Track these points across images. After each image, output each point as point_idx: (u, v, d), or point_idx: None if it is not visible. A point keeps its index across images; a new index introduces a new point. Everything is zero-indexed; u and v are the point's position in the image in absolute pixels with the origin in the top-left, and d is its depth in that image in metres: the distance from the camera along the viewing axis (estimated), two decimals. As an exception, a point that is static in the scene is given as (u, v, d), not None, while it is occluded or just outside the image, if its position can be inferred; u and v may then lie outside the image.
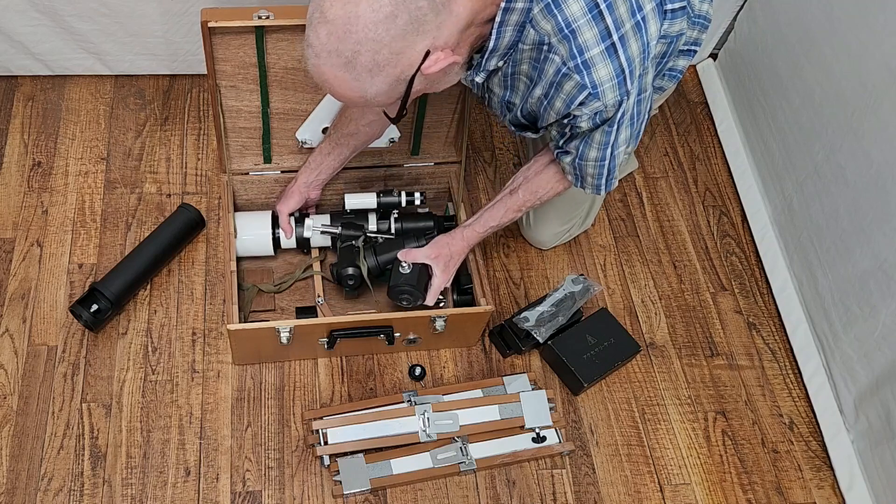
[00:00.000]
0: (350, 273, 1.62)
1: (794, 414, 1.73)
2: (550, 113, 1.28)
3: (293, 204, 1.68)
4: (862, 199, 1.60)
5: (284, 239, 1.69)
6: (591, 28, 1.16)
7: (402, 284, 1.56)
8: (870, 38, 1.57)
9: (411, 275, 1.56)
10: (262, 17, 1.45)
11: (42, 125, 1.93)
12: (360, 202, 1.70)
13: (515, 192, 1.52)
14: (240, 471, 1.54)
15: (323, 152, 1.65)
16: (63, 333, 1.65)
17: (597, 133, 1.30)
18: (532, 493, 1.58)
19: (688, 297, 1.87)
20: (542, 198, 1.52)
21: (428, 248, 1.58)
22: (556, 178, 1.48)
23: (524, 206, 1.53)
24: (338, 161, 1.66)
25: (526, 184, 1.51)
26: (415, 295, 1.57)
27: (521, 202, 1.53)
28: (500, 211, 1.54)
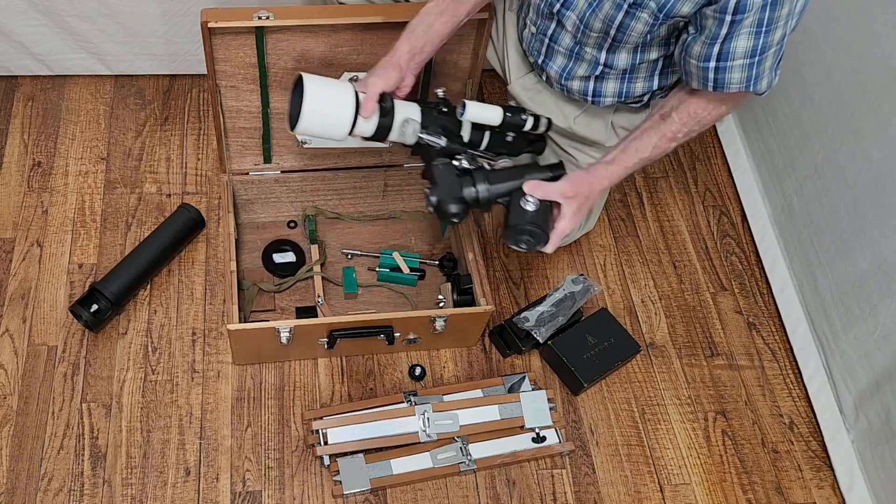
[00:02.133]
0: (456, 209, 1.31)
1: (794, 414, 1.73)
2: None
3: (390, 80, 1.34)
4: (862, 199, 1.60)
5: (362, 121, 1.33)
6: None
7: (526, 223, 1.29)
8: (870, 38, 1.57)
9: (538, 213, 1.28)
10: (261, 18, 1.45)
11: (42, 125, 1.93)
12: (482, 114, 1.35)
13: (668, 116, 1.30)
14: (240, 471, 1.54)
15: (432, 12, 1.35)
16: (63, 333, 1.65)
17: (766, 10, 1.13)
18: (532, 493, 1.58)
19: (688, 297, 1.87)
20: (703, 121, 1.30)
21: (563, 183, 1.31)
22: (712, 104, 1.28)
23: (679, 133, 1.30)
24: (450, 26, 1.36)
25: (683, 106, 1.29)
26: (539, 237, 1.30)
27: (675, 128, 1.30)
28: (650, 140, 1.31)
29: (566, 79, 1.45)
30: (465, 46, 1.60)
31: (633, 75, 1.42)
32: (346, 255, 1.80)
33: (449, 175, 1.33)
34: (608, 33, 1.30)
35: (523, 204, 1.29)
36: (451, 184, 1.32)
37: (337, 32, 1.52)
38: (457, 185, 1.32)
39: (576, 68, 1.42)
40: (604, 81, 1.43)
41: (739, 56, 1.19)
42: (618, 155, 1.34)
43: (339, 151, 1.75)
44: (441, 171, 1.33)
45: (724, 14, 1.16)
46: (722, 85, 1.23)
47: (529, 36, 1.46)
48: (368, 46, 1.55)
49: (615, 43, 1.33)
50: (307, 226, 1.80)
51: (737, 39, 1.18)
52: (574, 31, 1.35)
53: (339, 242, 1.82)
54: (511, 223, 1.30)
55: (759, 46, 1.18)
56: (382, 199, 1.85)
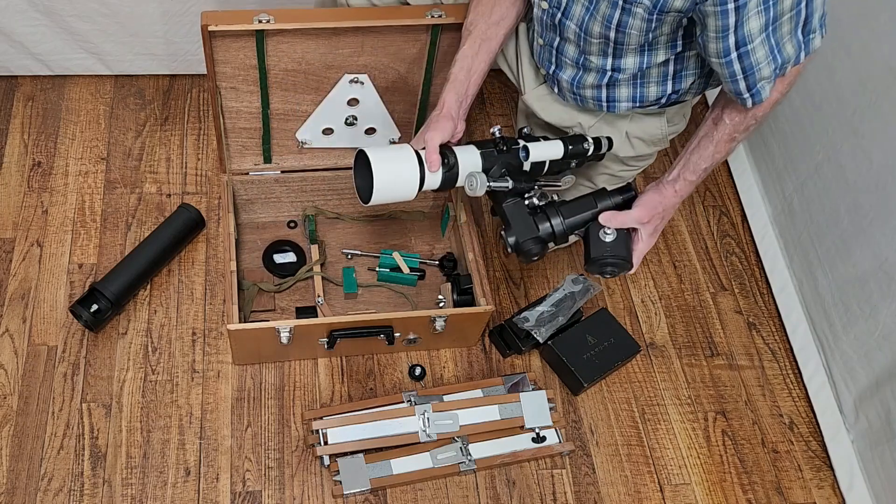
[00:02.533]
0: (534, 248, 1.34)
1: (794, 414, 1.73)
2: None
3: (446, 131, 1.37)
4: (862, 199, 1.60)
5: (429, 175, 1.35)
6: None
7: (609, 256, 1.33)
8: (870, 38, 1.57)
9: (618, 242, 1.33)
10: (262, 21, 1.44)
11: (42, 125, 1.93)
12: (544, 153, 1.38)
13: (720, 120, 1.32)
14: (240, 471, 1.54)
15: (468, 55, 1.39)
16: (63, 333, 1.65)
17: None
18: (532, 493, 1.58)
19: (688, 297, 1.87)
20: (756, 113, 1.30)
21: (638, 209, 1.36)
22: None
23: (736, 132, 1.31)
24: (486, 62, 1.40)
25: (731, 105, 1.29)
26: (622, 266, 1.35)
27: (730, 130, 1.31)
28: (708, 148, 1.33)
29: (578, 87, 1.44)
30: None
31: (644, 80, 1.42)
32: (346, 255, 1.80)
33: (522, 214, 1.35)
34: (608, 37, 1.31)
35: (602, 236, 1.34)
36: (525, 223, 1.35)
37: (337, 35, 1.52)
38: (531, 223, 1.35)
39: (585, 77, 1.42)
40: (616, 88, 1.43)
41: (756, 35, 1.18)
42: (681, 171, 1.37)
43: (339, 151, 1.76)
44: (514, 211, 1.36)
45: (726, 4, 1.15)
46: (752, 71, 1.22)
47: (539, 48, 1.46)
48: (369, 49, 1.55)
49: (618, 46, 1.33)
50: (307, 226, 1.80)
51: (748, 23, 1.17)
52: (576, 40, 1.36)
53: (339, 242, 1.82)
54: (593, 256, 1.34)
55: (771, 18, 1.17)
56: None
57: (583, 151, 1.41)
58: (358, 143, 1.73)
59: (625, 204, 1.38)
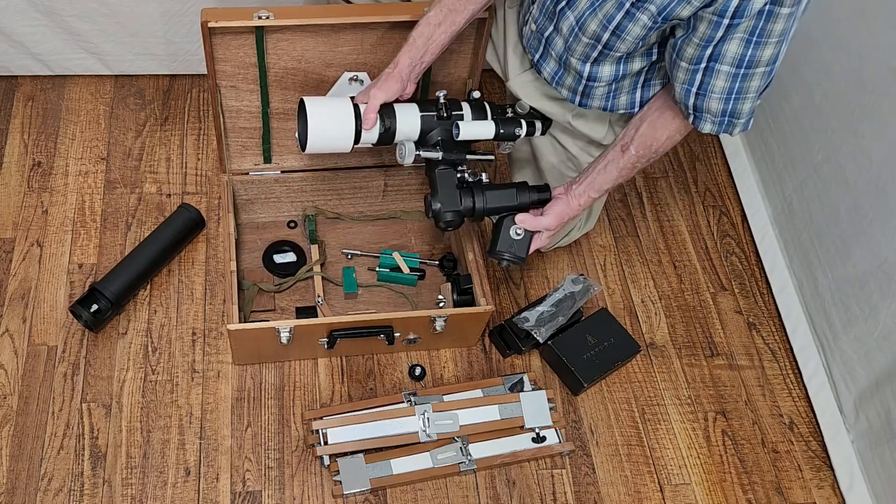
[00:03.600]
0: (453, 219, 1.42)
1: (794, 414, 1.73)
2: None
3: (392, 91, 1.41)
4: (862, 199, 1.60)
5: (365, 133, 1.41)
6: None
7: (511, 251, 1.45)
8: (870, 38, 1.57)
9: (522, 242, 1.45)
10: (262, 18, 1.45)
11: (42, 125, 1.93)
12: (475, 132, 1.44)
13: (627, 148, 1.40)
14: (240, 471, 1.54)
15: (431, 23, 1.41)
16: (63, 333, 1.65)
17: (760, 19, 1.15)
18: (532, 493, 1.58)
19: (688, 297, 1.87)
20: (659, 150, 1.40)
21: (549, 218, 1.46)
22: (675, 123, 1.37)
23: (638, 163, 1.41)
24: (448, 35, 1.42)
25: (639, 138, 1.38)
26: (519, 262, 1.47)
27: (634, 160, 1.40)
28: (613, 172, 1.42)
29: (556, 83, 1.48)
30: (465, 46, 1.61)
31: (617, 91, 1.45)
32: (346, 255, 1.80)
33: (450, 185, 1.43)
34: (600, 38, 1.31)
35: (512, 233, 1.44)
36: (451, 194, 1.42)
37: (337, 32, 1.52)
38: (457, 196, 1.42)
39: (565, 77, 1.45)
40: (589, 98, 1.46)
41: (728, 61, 1.22)
42: (586, 188, 1.45)
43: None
44: (444, 179, 1.43)
45: (722, 17, 1.17)
46: (704, 92, 1.26)
47: (529, 33, 1.47)
48: (368, 46, 1.55)
49: (604, 51, 1.34)
50: (307, 226, 1.80)
51: (729, 43, 1.20)
52: (567, 34, 1.36)
53: (339, 242, 1.82)
54: (500, 247, 1.45)
55: (748, 57, 1.21)
56: (382, 199, 1.84)
57: (513, 136, 1.47)
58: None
59: (539, 203, 1.47)
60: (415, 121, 1.44)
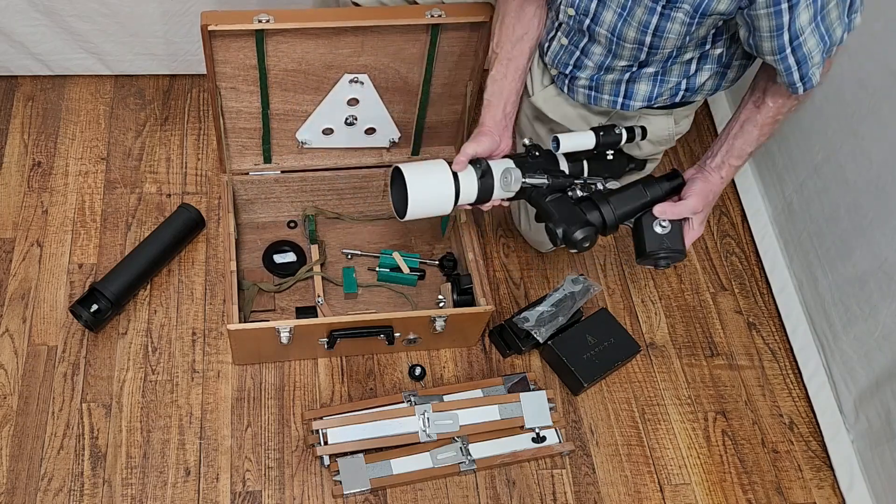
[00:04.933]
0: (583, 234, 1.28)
1: (794, 414, 1.73)
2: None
3: (483, 145, 1.38)
4: (862, 199, 1.60)
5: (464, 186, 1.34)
6: None
7: (664, 248, 1.32)
8: (869, 39, 1.57)
9: (673, 234, 1.31)
10: (262, 21, 1.44)
11: (42, 125, 1.93)
12: (576, 142, 1.34)
13: (762, 103, 1.32)
14: (240, 471, 1.54)
15: (496, 80, 1.42)
16: (63, 333, 1.65)
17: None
18: (532, 493, 1.58)
19: (688, 297, 1.87)
20: (793, 107, 1.32)
21: (693, 199, 1.34)
22: None
23: (779, 115, 1.32)
24: (517, 79, 1.43)
25: (774, 87, 1.30)
26: (677, 257, 1.33)
27: (774, 111, 1.31)
28: (753, 132, 1.33)
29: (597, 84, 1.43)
30: (465, 48, 1.60)
31: (665, 76, 1.41)
32: (346, 255, 1.80)
33: (567, 205, 1.32)
34: (643, 42, 1.29)
35: (657, 228, 1.32)
36: (572, 212, 1.31)
37: (337, 35, 1.52)
38: (577, 212, 1.31)
39: (605, 75, 1.42)
40: (635, 83, 1.42)
41: (808, 29, 1.19)
42: (725, 157, 1.36)
43: (339, 151, 1.76)
44: (556, 204, 1.32)
45: (780, 5, 1.16)
46: (805, 61, 1.22)
47: (558, 48, 1.44)
48: (369, 49, 1.55)
49: (652, 50, 1.32)
50: (307, 226, 1.80)
51: (799, 17, 1.18)
52: (607, 44, 1.34)
53: (339, 242, 1.82)
54: (650, 250, 1.32)
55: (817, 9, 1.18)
56: (382, 199, 1.84)
57: (616, 139, 1.35)
58: (358, 142, 1.73)
59: (672, 192, 1.36)
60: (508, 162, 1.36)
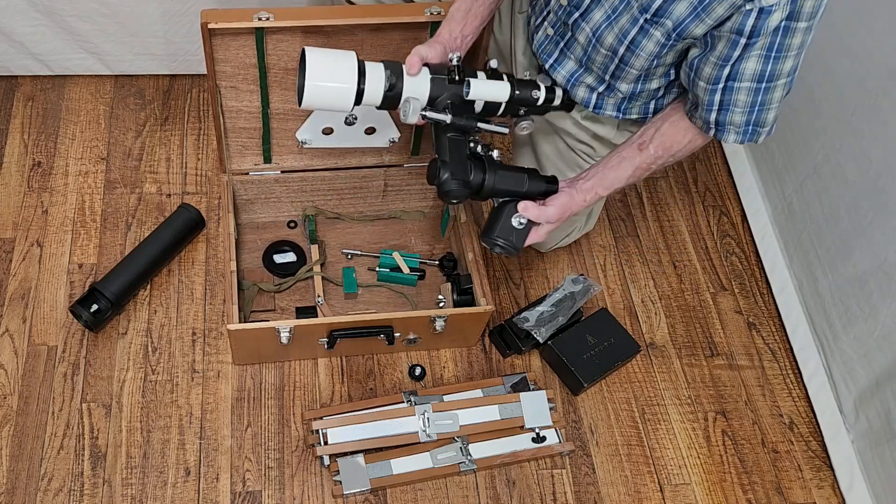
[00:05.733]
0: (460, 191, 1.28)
1: (794, 414, 1.73)
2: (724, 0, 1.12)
3: (434, 53, 1.32)
4: (862, 199, 1.61)
5: (368, 88, 1.28)
6: None
7: (509, 240, 1.35)
8: (870, 38, 1.57)
9: (522, 232, 1.36)
10: (262, 19, 1.44)
11: (42, 125, 1.93)
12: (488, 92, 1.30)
13: (645, 147, 1.35)
14: (240, 471, 1.54)
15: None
16: (63, 333, 1.65)
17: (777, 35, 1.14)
18: (532, 493, 1.58)
19: (688, 297, 1.87)
20: (677, 154, 1.35)
21: (554, 209, 1.37)
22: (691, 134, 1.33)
23: (654, 164, 1.36)
24: (488, 7, 1.36)
25: (659, 137, 1.33)
26: (513, 252, 1.37)
27: (651, 160, 1.35)
28: (626, 170, 1.36)
29: (573, 84, 1.44)
30: None
31: (631, 102, 1.45)
32: (346, 255, 1.80)
33: (461, 154, 1.29)
34: (617, 52, 1.31)
35: (515, 221, 1.34)
36: (461, 164, 1.28)
37: (337, 33, 1.52)
38: (467, 166, 1.29)
39: (584, 76, 1.42)
40: (605, 98, 1.45)
41: (748, 79, 1.21)
42: (595, 185, 1.39)
43: (339, 151, 1.75)
44: (454, 147, 1.28)
45: (740, 36, 1.17)
46: (726, 108, 1.25)
47: (545, 38, 1.44)
48: (369, 47, 1.55)
49: (621, 65, 1.33)
50: (307, 226, 1.80)
51: (747, 61, 1.20)
52: (585, 44, 1.35)
53: (339, 242, 1.82)
54: (497, 235, 1.35)
55: (767, 72, 1.20)
56: (382, 199, 1.85)
57: (531, 99, 1.34)
58: (358, 142, 1.73)
59: (544, 195, 1.38)
60: (424, 82, 1.30)
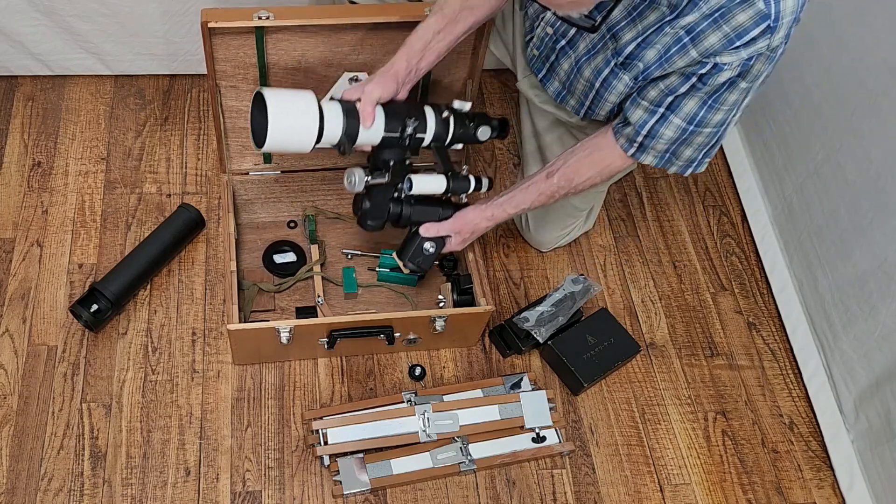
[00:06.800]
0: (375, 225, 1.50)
1: (794, 414, 1.73)
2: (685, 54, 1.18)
3: (388, 89, 1.36)
4: (862, 199, 1.60)
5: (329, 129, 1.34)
6: None
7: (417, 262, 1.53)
8: (869, 38, 1.57)
9: (431, 257, 1.53)
10: (262, 18, 1.45)
11: (42, 125, 1.93)
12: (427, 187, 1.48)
13: (552, 175, 1.43)
14: (240, 471, 1.54)
15: (431, 29, 1.38)
16: (63, 333, 1.65)
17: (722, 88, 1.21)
18: (532, 493, 1.58)
19: (688, 297, 1.87)
20: (579, 187, 1.43)
21: (454, 221, 1.50)
22: (599, 167, 1.39)
23: (558, 192, 1.44)
24: (447, 43, 1.39)
25: (564, 168, 1.41)
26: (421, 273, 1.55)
27: (554, 188, 1.43)
28: (532, 195, 1.45)
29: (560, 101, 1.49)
30: (464, 46, 1.60)
31: None
32: (346, 255, 1.80)
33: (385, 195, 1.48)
34: (593, 86, 1.37)
35: (424, 247, 1.52)
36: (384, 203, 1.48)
37: (337, 32, 1.52)
38: (387, 207, 1.48)
39: (568, 98, 1.48)
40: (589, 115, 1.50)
41: (682, 116, 1.27)
42: (505, 201, 1.48)
43: (339, 151, 1.76)
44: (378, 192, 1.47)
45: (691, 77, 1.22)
46: (655, 134, 1.31)
47: (533, 56, 1.48)
48: (368, 47, 1.55)
49: (597, 98, 1.40)
50: (307, 226, 1.80)
51: (689, 99, 1.25)
52: (568, 70, 1.41)
53: (339, 242, 1.82)
54: (408, 258, 1.53)
55: (699, 116, 1.26)
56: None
57: (464, 189, 1.50)
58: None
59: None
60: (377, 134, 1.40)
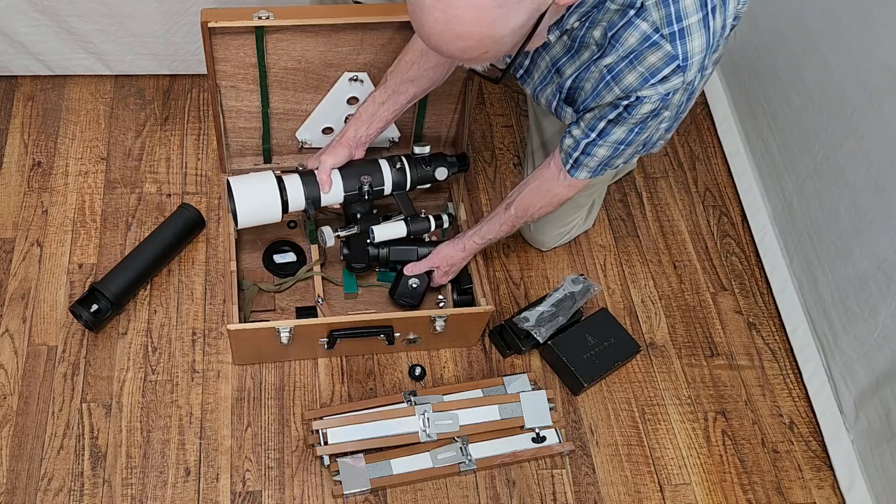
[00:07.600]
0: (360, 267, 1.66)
1: (794, 414, 1.73)
2: (611, 90, 1.22)
3: (340, 157, 1.55)
4: (862, 199, 1.60)
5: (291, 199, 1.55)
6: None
7: (406, 297, 1.67)
8: (870, 38, 1.57)
9: (417, 291, 1.66)
10: (262, 18, 1.45)
11: (42, 125, 1.93)
12: (389, 234, 1.63)
13: (510, 207, 1.53)
14: (240, 471, 1.54)
15: (376, 101, 1.52)
16: (63, 333, 1.65)
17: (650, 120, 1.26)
18: (532, 493, 1.58)
19: (688, 297, 1.87)
20: (534, 215, 1.52)
21: (431, 257, 1.63)
22: (547, 197, 1.49)
23: (517, 222, 1.54)
24: (392, 112, 1.52)
25: (519, 200, 1.52)
26: (414, 307, 1.68)
27: (514, 219, 1.53)
28: (495, 225, 1.56)
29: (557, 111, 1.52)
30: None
31: None
32: (346, 255, 1.80)
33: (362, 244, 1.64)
34: (553, 109, 1.43)
35: (411, 281, 1.65)
36: (361, 248, 1.64)
37: (337, 32, 1.52)
38: (364, 250, 1.64)
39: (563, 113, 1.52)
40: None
41: (612, 141, 1.32)
42: (475, 233, 1.59)
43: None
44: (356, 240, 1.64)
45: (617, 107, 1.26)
46: (589, 153, 1.36)
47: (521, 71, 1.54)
48: (368, 46, 1.55)
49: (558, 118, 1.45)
50: (307, 226, 1.79)
51: (618, 126, 1.29)
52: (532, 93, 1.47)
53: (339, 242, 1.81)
54: (398, 295, 1.66)
55: (628, 140, 1.32)
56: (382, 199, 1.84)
57: (424, 230, 1.64)
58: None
59: None
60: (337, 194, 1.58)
